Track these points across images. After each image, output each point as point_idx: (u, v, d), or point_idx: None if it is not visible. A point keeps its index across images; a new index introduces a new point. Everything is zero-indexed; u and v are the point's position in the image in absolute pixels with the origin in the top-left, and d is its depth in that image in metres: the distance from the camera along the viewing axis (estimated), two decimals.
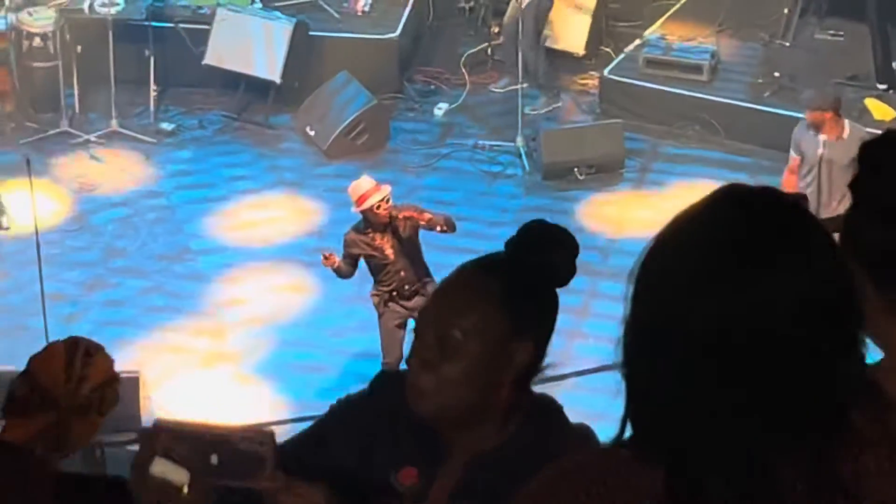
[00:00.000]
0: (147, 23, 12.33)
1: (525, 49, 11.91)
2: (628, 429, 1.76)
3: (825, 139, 9.19)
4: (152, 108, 12.33)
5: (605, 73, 12.41)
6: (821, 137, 9.21)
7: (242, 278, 10.40)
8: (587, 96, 12.66)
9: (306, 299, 10.10)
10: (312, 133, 12.06)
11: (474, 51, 13.11)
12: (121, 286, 10.34)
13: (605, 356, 8.30)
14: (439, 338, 2.51)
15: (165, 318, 9.94)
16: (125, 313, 9.99)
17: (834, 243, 1.75)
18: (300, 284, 10.24)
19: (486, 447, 2.57)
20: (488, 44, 13.13)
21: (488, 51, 13.13)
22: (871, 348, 1.83)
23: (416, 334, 2.57)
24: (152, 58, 12.20)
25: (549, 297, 2.57)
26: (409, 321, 8.56)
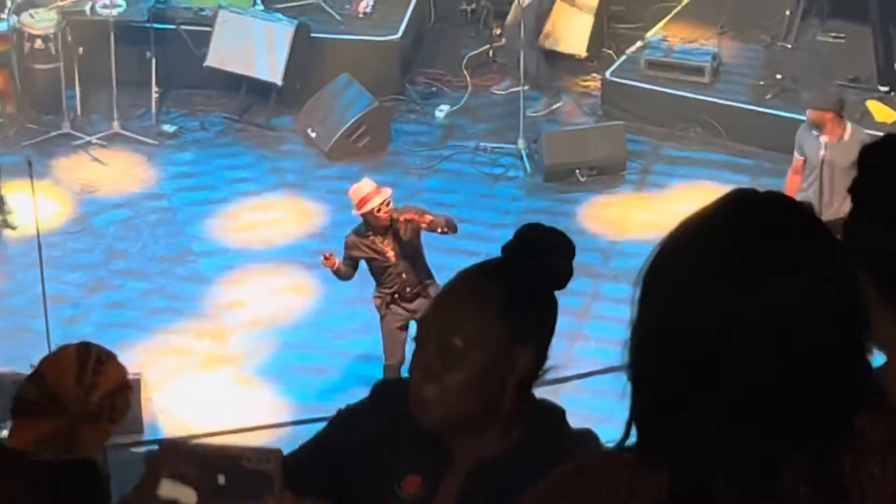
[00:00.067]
0: (149, 24, 12.31)
1: (525, 50, 11.90)
2: (632, 433, 1.76)
3: (826, 141, 9.18)
4: (154, 109, 12.32)
5: (607, 74, 12.40)
6: (822, 139, 9.20)
7: (244, 280, 10.40)
8: (589, 98, 12.64)
9: (308, 301, 10.10)
10: (314, 135, 12.05)
11: (476, 53, 13.10)
12: (122, 288, 10.33)
13: (607, 358, 8.30)
14: (440, 347, 2.50)
15: (167, 320, 9.94)
16: (127, 315, 9.98)
17: (841, 248, 1.75)
18: (302, 286, 10.23)
19: (489, 454, 2.56)
20: (490, 46, 13.12)
21: (490, 53, 13.12)
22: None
23: (418, 344, 2.56)
24: (154, 59, 12.19)
25: (549, 301, 2.56)
26: (412, 323, 8.57)
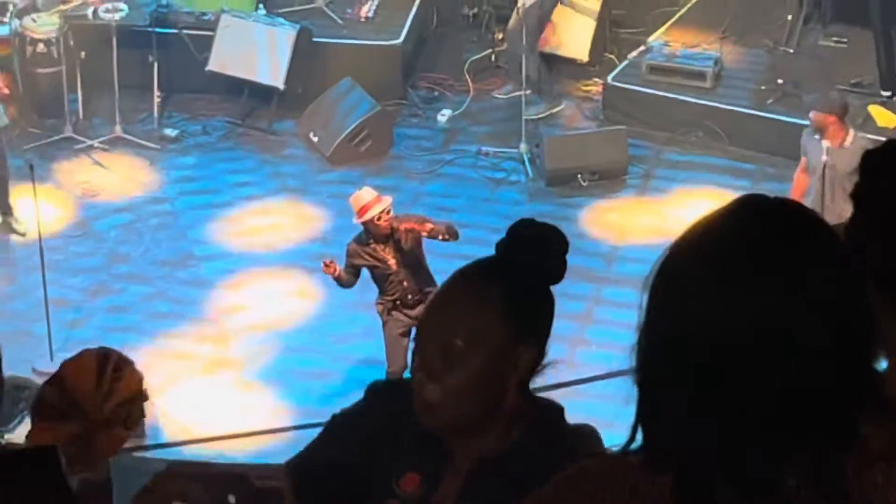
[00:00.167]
0: (151, 29, 12.31)
1: (527, 54, 11.91)
2: (637, 436, 1.76)
3: (828, 146, 9.18)
4: (156, 114, 12.33)
5: (609, 79, 12.41)
6: (824, 144, 9.19)
7: (245, 284, 10.40)
8: (590, 103, 12.64)
9: (309, 305, 10.10)
10: (316, 139, 12.06)
11: (478, 57, 13.11)
12: (124, 292, 10.33)
13: (609, 363, 8.29)
14: (441, 348, 2.49)
15: (169, 324, 9.94)
16: (128, 319, 9.98)
17: (849, 253, 1.76)
18: (303, 291, 10.23)
19: (490, 453, 2.56)
20: (492, 50, 13.13)
21: (492, 57, 13.13)
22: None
23: (418, 346, 2.55)
24: (156, 64, 12.20)
25: (546, 296, 2.56)
26: (413, 329, 8.57)
